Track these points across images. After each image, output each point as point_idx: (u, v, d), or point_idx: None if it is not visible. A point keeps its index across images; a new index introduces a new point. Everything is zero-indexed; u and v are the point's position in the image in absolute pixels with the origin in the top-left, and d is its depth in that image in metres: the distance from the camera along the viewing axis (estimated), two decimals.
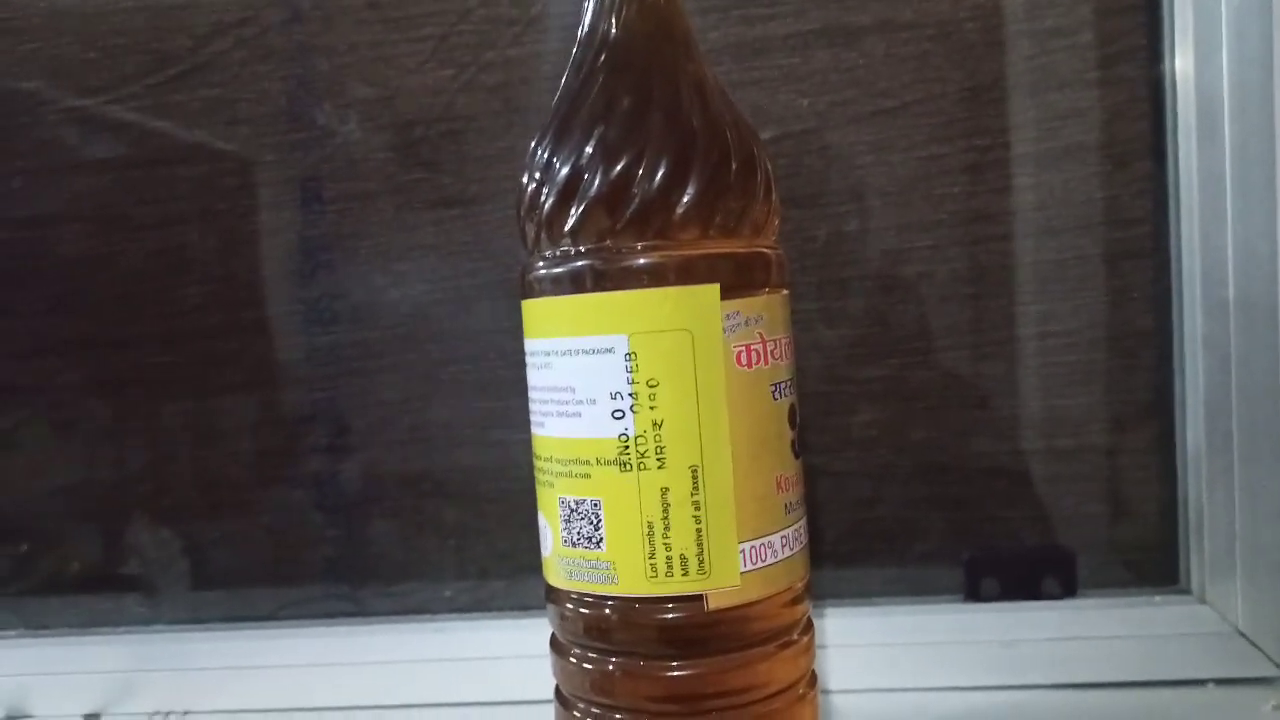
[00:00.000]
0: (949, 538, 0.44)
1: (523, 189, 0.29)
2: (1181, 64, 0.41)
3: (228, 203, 0.46)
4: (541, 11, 0.44)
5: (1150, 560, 0.44)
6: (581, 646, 0.29)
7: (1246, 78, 0.38)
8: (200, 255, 0.46)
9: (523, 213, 0.29)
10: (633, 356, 0.27)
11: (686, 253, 0.27)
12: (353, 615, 0.46)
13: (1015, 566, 0.43)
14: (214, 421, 0.47)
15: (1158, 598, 0.42)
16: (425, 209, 0.45)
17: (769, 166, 0.29)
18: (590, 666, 0.29)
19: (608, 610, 0.28)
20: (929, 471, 0.44)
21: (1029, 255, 0.44)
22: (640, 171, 0.27)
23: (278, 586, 0.47)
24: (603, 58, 0.29)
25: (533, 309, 0.29)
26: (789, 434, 0.29)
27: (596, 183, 0.27)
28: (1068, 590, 0.42)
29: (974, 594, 0.43)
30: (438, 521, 0.46)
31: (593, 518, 0.28)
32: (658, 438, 0.27)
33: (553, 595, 0.30)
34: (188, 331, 0.47)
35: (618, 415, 0.27)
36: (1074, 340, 0.44)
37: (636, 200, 0.27)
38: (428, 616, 0.45)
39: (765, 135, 0.44)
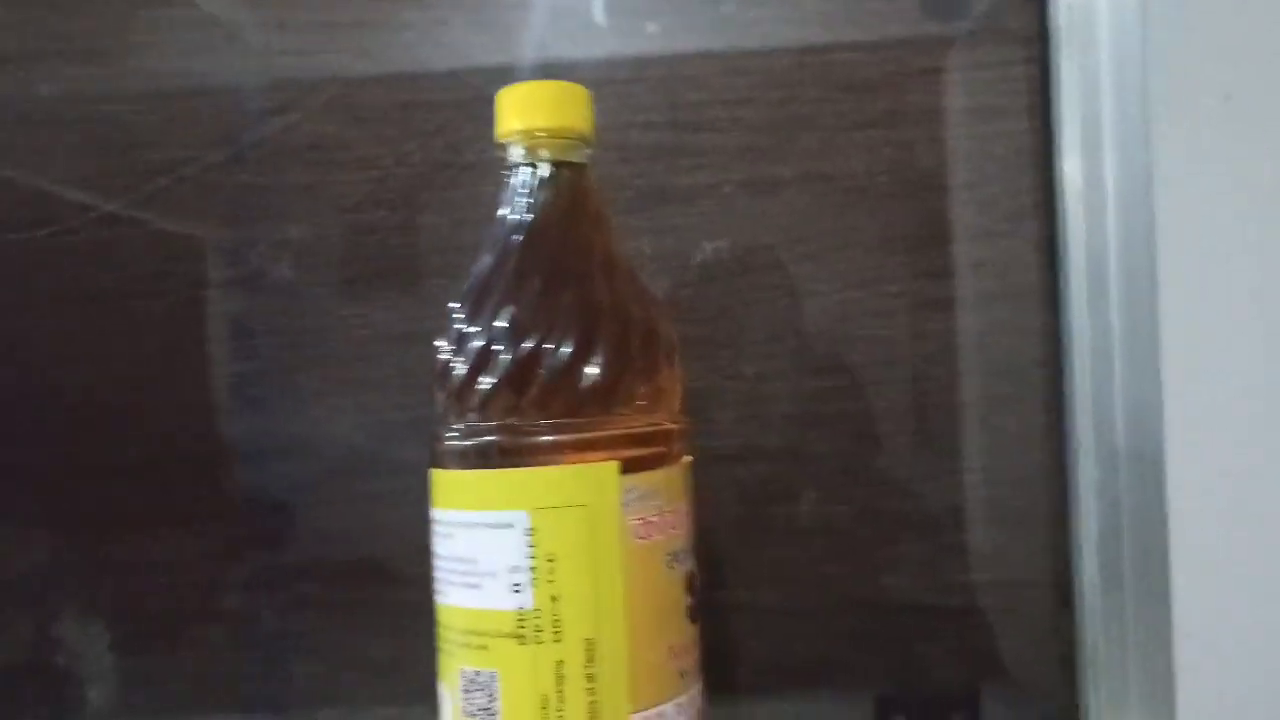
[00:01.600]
0: (861, 674, 0.45)
1: (436, 359, 0.30)
2: (1073, 219, 0.44)
3: (159, 339, 0.47)
4: (478, 159, 0.46)
5: (1052, 697, 0.45)
6: None
7: (1132, 234, 0.41)
8: (126, 390, 0.47)
9: (434, 382, 0.30)
10: (533, 532, 0.28)
11: (587, 434, 0.28)
12: None
13: (923, 705, 0.44)
14: (140, 556, 0.47)
15: None
16: (358, 345, 0.46)
17: (673, 339, 0.31)
18: None
19: None
20: (844, 607, 0.45)
21: (938, 395, 0.46)
22: (546, 352, 0.28)
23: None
24: (516, 237, 0.30)
25: (440, 480, 0.30)
26: (685, 600, 0.30)
27: (505, 360, 0.28)
28: None
29: None
30: (364, 655, 0.46)
31: (489, 689, 0.28)
32: (554, 611, 0.28)
33: None
34: (111, 467, 0.47)
35: (516, 589, 0.28)
36: (981, 479, 0.45)
37: (541, 380, 0.28)
38: None
39: (689, 276, 0.46)
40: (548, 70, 0.46)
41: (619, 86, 0.46)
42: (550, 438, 0.28)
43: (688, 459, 0.31)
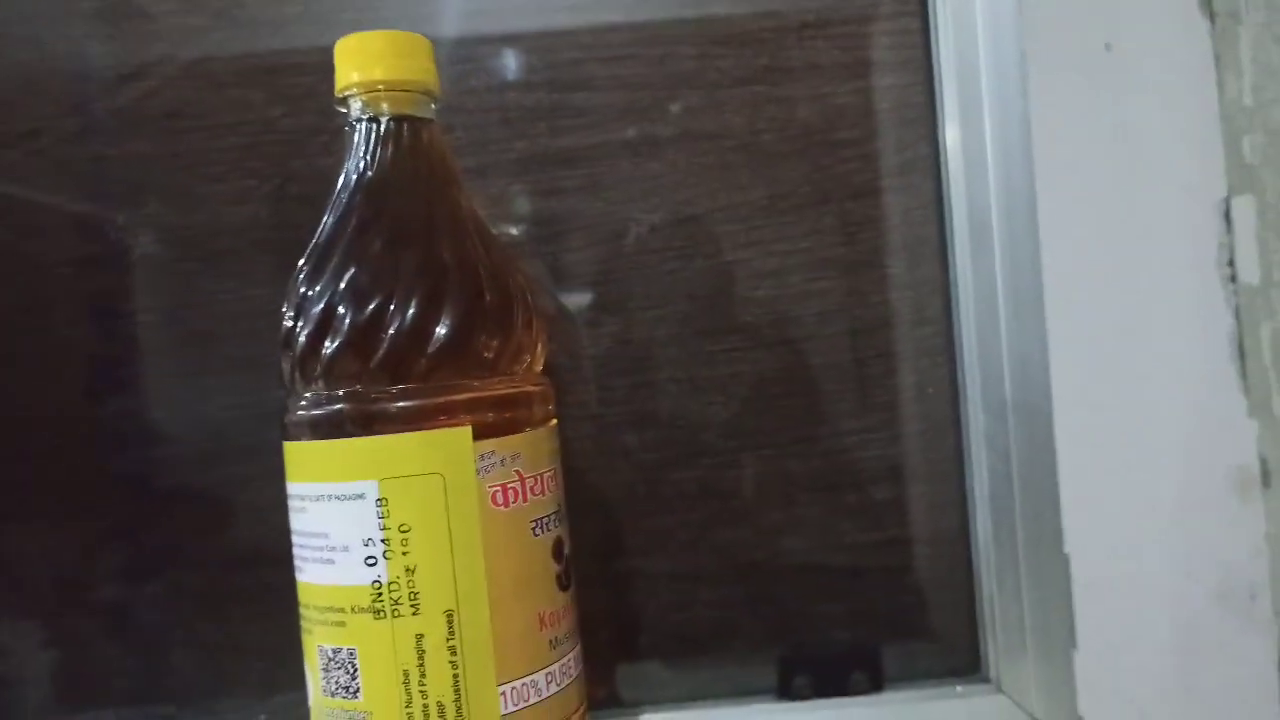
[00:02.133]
0: (762, 636, 0.44)
1: (281, 326, 0.29)
2: (955, 173, 0.44)
3: (17, 318, 0.44)
4: None
5: (954, 649, 0.45)
6: None
7: (1012, 188, 0.41)
8: None
9: (279, 351, 0.29)
10: (384, 502, 0.27)
11: (438, 396, 0.27)
12: None
13: (825, 663, 0.43)
14: (6, 549, 0.45)
15: (960, 688, 0.44)
16: (231, 321, 0.44)
17: (531, 302, 0.30)
18: None
19: None
20: (741, 570, 0.45)
21: (832, 354, 0.45)
22: (390, 311, 0.27)
23: (78, 716, 0.45)
24: (358, 196, 0.29)
25: (291, 452, 0.29)
26: (553, 568, 0.29)
27: (347, 324, 0.27)
28: (875, 685, 0.43)
29: (786, 692, 0.43)
30: (243, 642, 0.44)
31: (349, 667, 0.27)
32: (411, 584, 0.27)
33: None
34: None
35: (370, 562, 0.27)
36: (877, 436, 0.45)
37: (386, 343, 0.27)
38: None
39: (573, 244, 0.45)
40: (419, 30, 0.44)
41: (494, 46, 0.44)
42: (397, 404, 0.27)
43: (553, 423, 0.30)
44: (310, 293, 0.28)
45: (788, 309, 0.45)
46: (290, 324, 0.28)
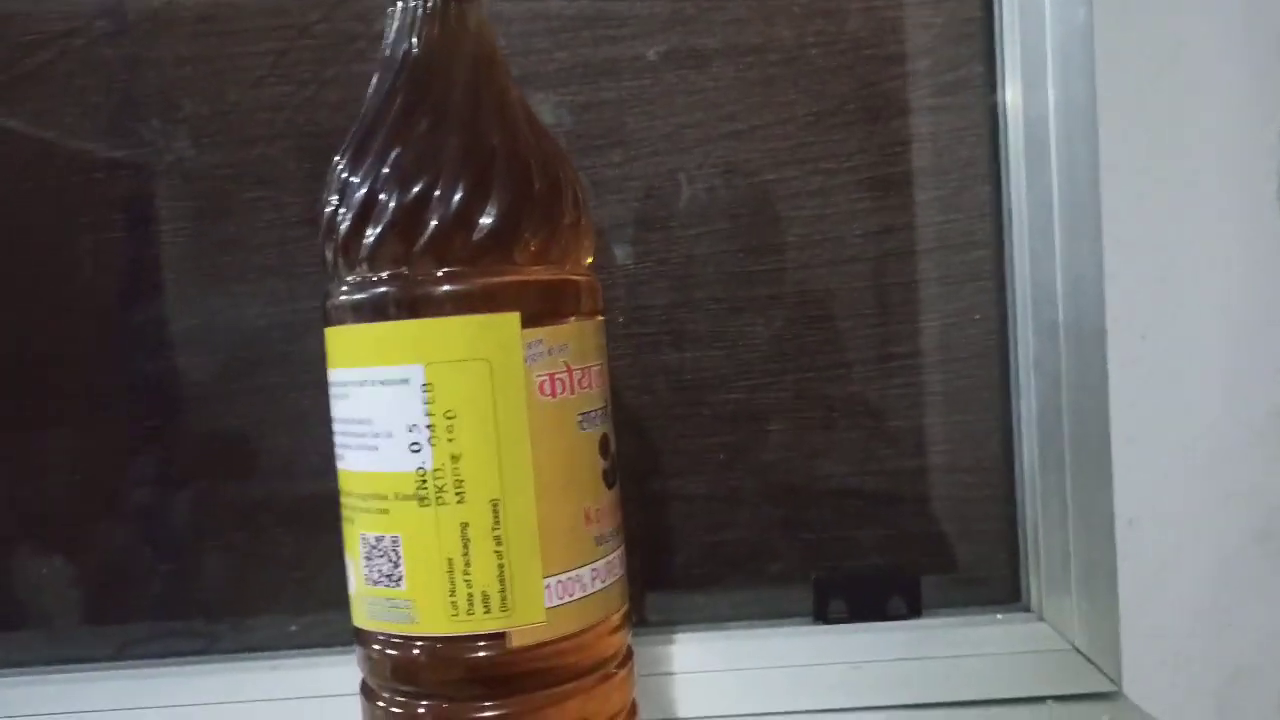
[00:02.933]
0: (798, 560, 0.44)
1: (321, 211, 0.28)
2: (1012, 92, 0.42)
3: (49, 222, 0.44)
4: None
5: (993, 579, 0.44)
6: (389, 690, 0.28)
7: (1072, 107, 0.39)
8: (19, 278, 0.44)
9: (321, 236, 0.28)
10: (429, 388, 0.26)
11: (485, 280, 0.26)
12: (191, 654, 0.44)
13: (862, 588, 0.43)
14: (36, 455, 0.44)
15: (1000, 616, 0.43)
16: (265, 229, 0.44)
17: (579, 192, 0.29)
18: (399, 711, 0.28)
19: (414, 651, 0.27)
20: (779, 494, 0.44)
21: (875, 278, 0.44)
22: (436, 195, 0.26)
23: (108, 626, 0.45)
24: (403, 77, 0.28)
25: (333, 337, 0.28)
26: (600, 464, 0.28)
27: (391, 206, 0.26)
28: (913, 611, 0.43)
29: (822, 616, 0.43)
30: (278, 554, 0.44)
31: (392, 555, 0.27)
32: (456, 471, 0.26)
33: (360, 637, 0.29)
34: (4, 360, 0.44)
35: (415, 448, 0.26)
36: (920, 362, 0.44)
37: (432, 225, 0.26)
38: (266, 654, 0.43)
39: (613, 158, 0.44)
40: None
41: None
42: (443, 288, 0.26)
43: (600, 318, 0.29)
44: (353, 175, 0.27)
45: (831, 229, 0.44)
46: (333, 207, 0.27)
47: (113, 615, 0.45)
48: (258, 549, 0.44)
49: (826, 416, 0.44)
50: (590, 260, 0.30)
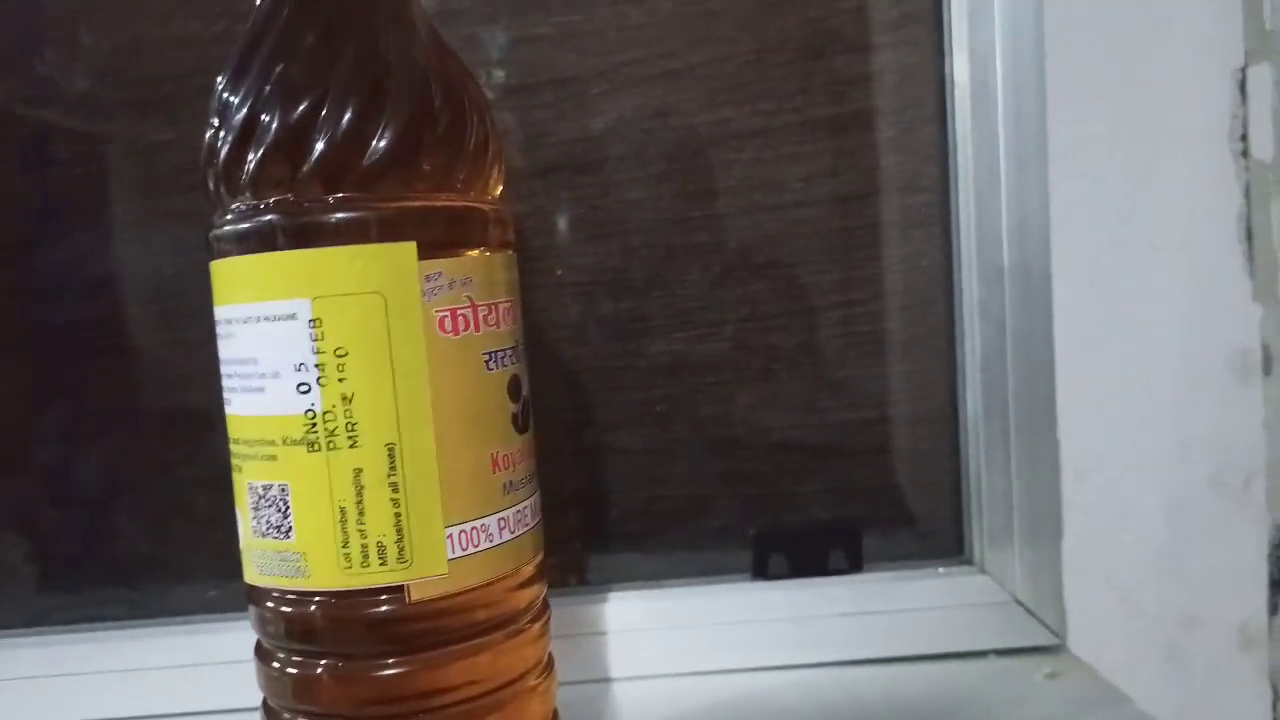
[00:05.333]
0: (738, 515, 0.42)
1: (204, 135, 0.26)
2: (957, 28, 0.41)
3: None
4: None
5: (937, 532, 0.43)
6: (285, 650, 0.27)
7: (1019, 42, 0.37)
8: None
9: (202, 162, 0.26)
10: (318, 323, 0.24)
11: (377, 207, 0.24)
12: (110, 620, 0.42)
13: (803, 543, 0.42)
14: None
15: (941, 569, 0.42)
16: (172, 174, 0.41)
17: (489, 117, 0.27)
18: (295, 672, 0.26)
19: (309, 608, 0.26)
20: (718, 447, 0.42)
21: (818, 223, 0.42)
22: (324, 113, 0.24)
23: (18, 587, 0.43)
24: None
25: (217, 271, 0.26)
26: (509, 407, 0.27)
27: (274, 126, 0.24)
28: (854, 565, 0.42)
29: (762, 572, 0.42)
30: (194, 513, 0.42)
31: (280, 504, 0.25)
32: (348, 413, 0.24)
33: (252, 594, 0.27)
34: None
35: (303, 389, 0.24)
36: (863, 310, 0.43)
37: (319, 146, 0.24)
38: (181, 619, 0.41)
39: (546, 96, 0.41)
40: None
41: None
42: (333, 215, 0.24)
43: (510, 251, 0.27)
44: (234, 95, 0.25)
45: (772, 173, 0.42)
46: (213, 130, 0.25)
47: (25, 580, 0.43)
48: (175, 506, 0.42)
49: (767, 367, 0.42)
50: (500, 190, 0.28)
